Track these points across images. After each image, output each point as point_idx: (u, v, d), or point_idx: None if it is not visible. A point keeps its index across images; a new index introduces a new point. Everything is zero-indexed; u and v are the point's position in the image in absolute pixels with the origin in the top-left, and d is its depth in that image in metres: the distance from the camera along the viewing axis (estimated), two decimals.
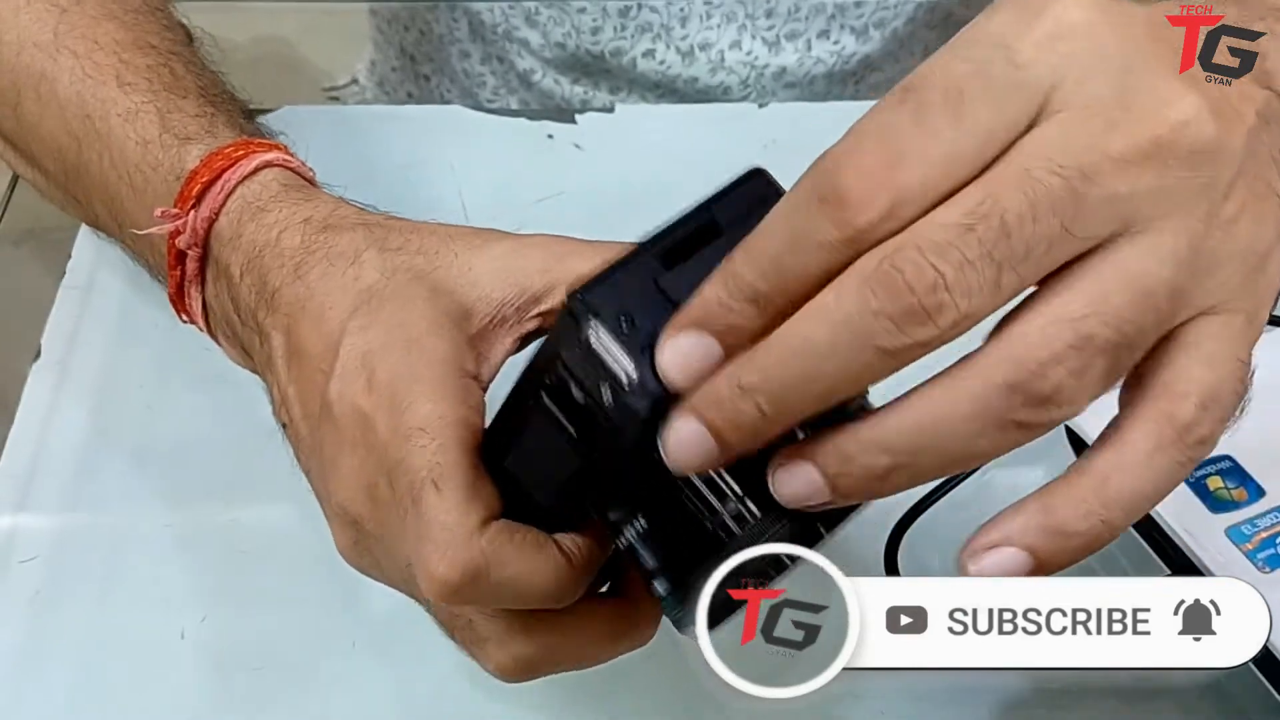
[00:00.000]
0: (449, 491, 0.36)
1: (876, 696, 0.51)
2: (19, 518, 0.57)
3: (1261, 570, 0.47)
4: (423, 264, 0.41)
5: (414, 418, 0.37)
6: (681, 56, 0.77)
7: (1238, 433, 0.51)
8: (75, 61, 0.49)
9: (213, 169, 0.45)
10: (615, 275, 0.33)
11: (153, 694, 0.52)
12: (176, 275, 0.46)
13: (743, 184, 0.35)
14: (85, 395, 0.60)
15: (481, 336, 0.40)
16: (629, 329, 0.32)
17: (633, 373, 0.32)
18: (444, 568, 0.36)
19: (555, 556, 0.37)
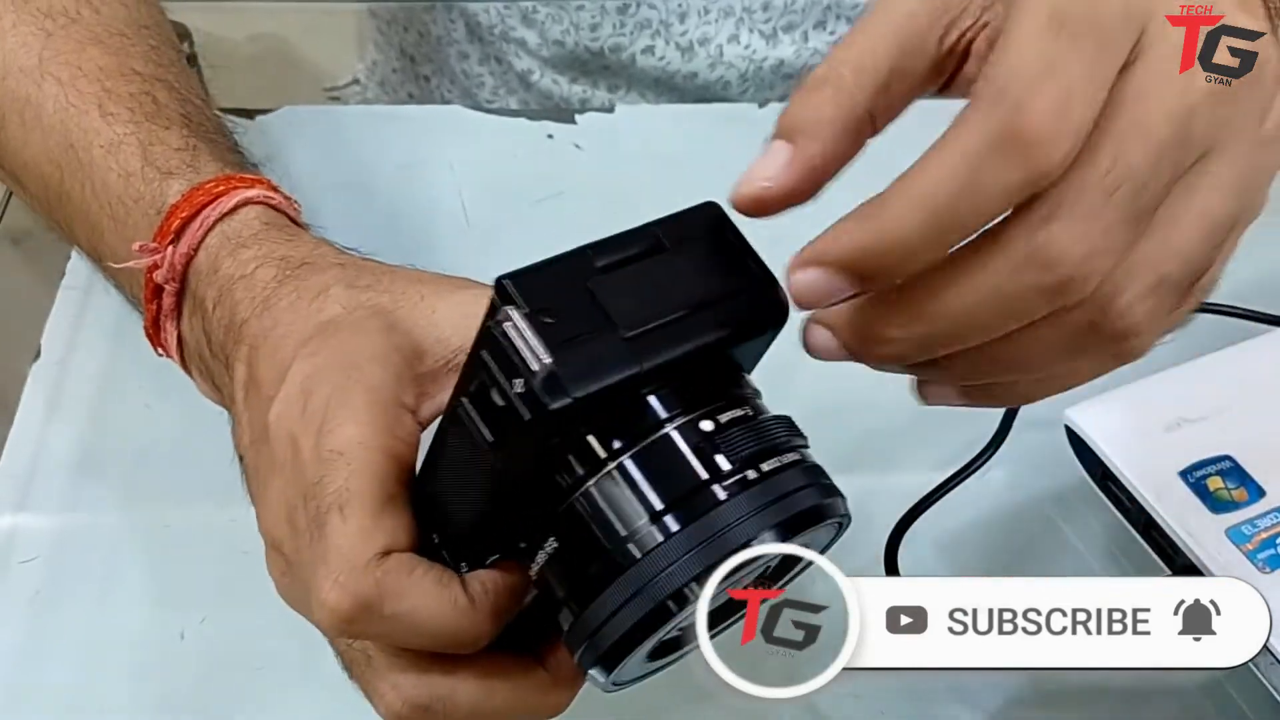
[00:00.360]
0: (352, 518, 0.35)
1: (876, 696, 0.51)
2: (19, 518, 0.57)
3: (1262, 570, 0.47)
4: (386, 301, 0.40)
5: (335, 440, 0.36)
6: (680, 52, 0.77)
7: (1238, 433, 0.51)
8: (59, 89, 0.49)
9: (193, 204, 0.44)
10: (546, 269, 0.32)
11: (153, 694, 0.52)
12: (153, 308, 0.45)
13: (694, 213, 0.35)
14: (85, 395, 0.60)
15: (431, 377, 0.39)
16: (549, 322, 0.31)
17: (547, 362, 0.31)
18: (335, 595, 0.34)
19: (457, 595, 0.36)
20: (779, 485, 0.33)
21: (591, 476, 0.33)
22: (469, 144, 0.71)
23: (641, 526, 0.33)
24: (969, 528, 0.55)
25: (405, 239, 0.66)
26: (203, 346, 0.44)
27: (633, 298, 0.32)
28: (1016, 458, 0.55)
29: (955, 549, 0.55)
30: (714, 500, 0.33)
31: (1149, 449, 0.51)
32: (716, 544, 0.32)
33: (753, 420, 0.34)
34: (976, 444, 0.55)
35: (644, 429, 0.33)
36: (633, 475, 0.33)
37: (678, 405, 0.33)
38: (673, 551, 0.32)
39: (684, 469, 0.33)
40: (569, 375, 0.31)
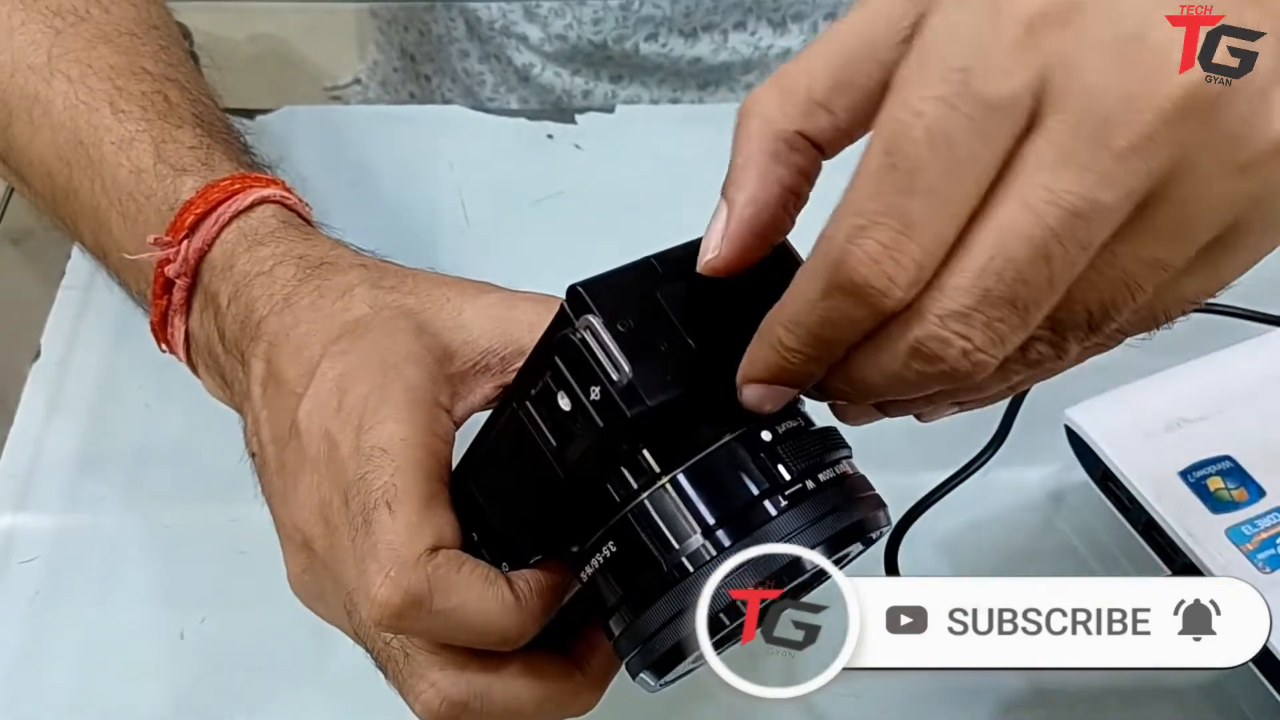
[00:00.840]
0: (401, 513, 0.35)
1: (876, 697, 0.51)
2: (19, 518, 0.57)
3: (1262, 570, 0.47)
4: (413, 303, 0.40)
5: (377, 438, 0.36)
6: (684, 38, 0.76)
7: (1238, 434, 0.51)
8: (69, 86, 0.49)
9: (208, 201, 0.44)
10: (617, 278, 0.33)
11: (152, 694, 0.52)
12: (162, 303, 0.45)
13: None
14: (85, 395, 0.60)
15: (461, 378, 0.39)
16: (624, 331, 0.32)
17: (627, 371, 0.31)
18: (386, 589, 0.35)
19: (504, 593, 0.36)
20: (831, 498, 0.34)
21: (652, 485, 0.34)
22: (469, 144, 0.71)
23: (695, 540, 0.33)
24: (969, 528, 0.55)
25: (405, 239, 0.66)
26: (214, 343, 0.44)
27: (699, 309, 0.33)
28: (1016, 458, 0.55)
29: (955, 549, 0.55)
30: (766, 515, 0.33)
31: (1149, 449, 0.51)
32: (769, 559, 0.33)
33: (805, 431, 0.35)
34: (976, 444, 0.55)
35: (705, 439, 0.34)
36: (690, 486, 0.34)
37: (739, 413, 0.34)
38: (721, 568, 0.33)
39: (741, 481, 0.33)
40: (646, 385, 0.32)
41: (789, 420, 0.35)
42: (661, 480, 0.34)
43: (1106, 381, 0.53)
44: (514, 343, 0.39)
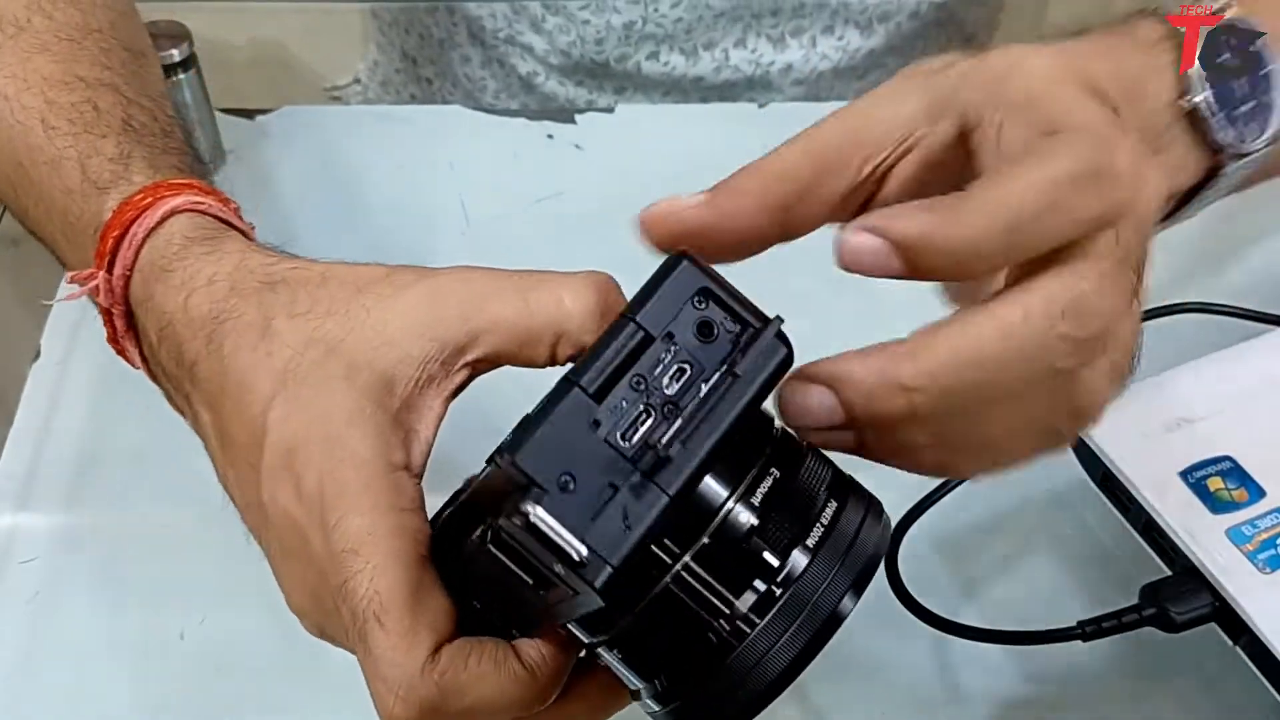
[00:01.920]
0: (392, 624, 0.34)
1: (877, 697, 0.51)
2: (19, 518, 0.57)
3: (1262, 571, 0.47)
4: (334, 330, 0.37)
5: (344, 538, 0.35)
6: (686, 57, 0.76)
7: (1238, 434, 0.51)
8: (6, 105, 0.48)
9: (122, 221, 0.42)
10: (545, 426, 0.31)
11: (152, 694, 0.52)
12: (110, 329, 0.44)
13: (666, 275, 0.33)
14: (85, 396, 0.60)
15: (408, 407, 0.37)
16: (569, 490, 0.31)
17: (581, 549, 0.30)
18: (400, 709, 0.34)
19: (516, 671, 0.35)
20: (842, 535, 0.33)
21: (661, 578, 0.33)
22: (469, 144, 0.71)
23: (729, 616, 0.33)
24: (969, 528, 0.55)
25: (405, 238, 0.66)
26: (159, 370, 0.43)
27: (639, 415, 0.32)
28: None
29: (955, 549, 0.55)
30: (794, 574, 0.33)
31: (1149, 449, 0.51)
32: (808, 620, 0.32)
33: (796, 470, 0.34)
34: None
35: (701, 522, 0.33)
36: (705, 568, 0.33)
37: (724, 485, 0.33)
38: (769, 636, 0.32)
39: (753, 551, 0.33)
40: (605, 547, 0.30)
41: (774, 466, 0.34)
42: (675, 567, 0.33)
43: None
44: (449, 344, 0.37)
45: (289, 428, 0.36)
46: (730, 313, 0.33)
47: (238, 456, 0.38)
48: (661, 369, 0.32)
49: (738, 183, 0.36)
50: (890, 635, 0.52)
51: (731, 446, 0.32)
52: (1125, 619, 0.48)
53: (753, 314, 0.33)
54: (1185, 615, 0.48)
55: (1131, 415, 0.52)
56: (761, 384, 0.33)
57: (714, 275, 0.33)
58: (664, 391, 0.32)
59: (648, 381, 0.32)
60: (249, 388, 0.38)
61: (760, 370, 0.32)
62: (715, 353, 0.32)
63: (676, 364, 0.32)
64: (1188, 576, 0.48)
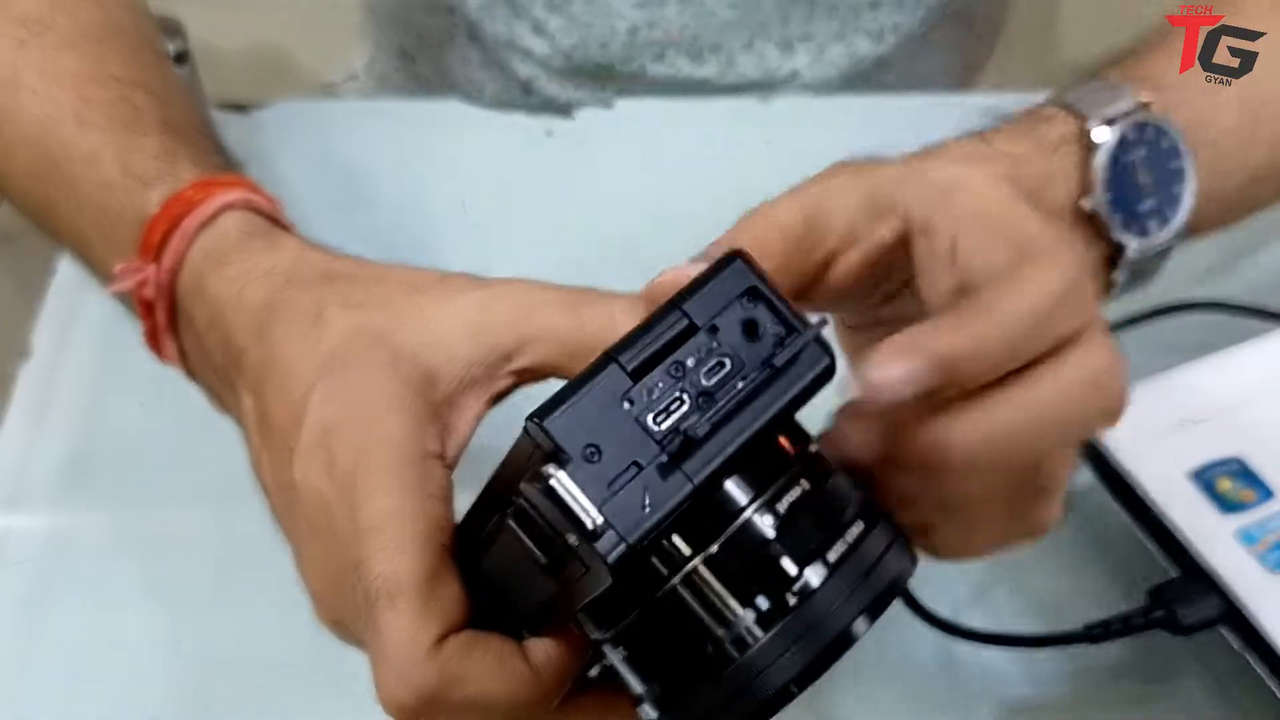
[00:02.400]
0: (403, 605, 0.34)
1: (877, 697, 0.51)
2: (11, 519, 0.56)
3: (1273, 573, 0.47)
4: (385, 323, 0.38)
5: (370, 515, 0.35)
6: (691, 59, 0.76)
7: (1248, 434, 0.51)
8: (35, 99, 0.48)
9: (172, 215, 0.43)
10: (578, 397, 0.31)
11: (147, 696, 0.51)
12: (149, 323, 0.44)
13: (718, 271, 0.33)
14: (77, 395, 0.60)
15: (449, 403, 0.38)
16: (594, 461, 0.30)
17: (597, 518, 0.30)
18: (400, 691, 0.34)
19: (520, 671, 0.35)
20: (865, 556, 0.33)
21: (673, 576, 0.32)
22: (468, 139, 0.71)
23: (737, 624, 0.32)
24: None
25: (404, 234, 0.66)
26: (203, 364, 0.44)
27: (673, 400, 0.32)
28: None
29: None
30: (809, 588, 0.32)
31: (1158, 450, 0.51)
32: (815, 636, 0.32)
33: (824, 487, 0.33)
34: None
35: (721, 522, 0.32)
36: (717, 571, 0.32)
37: (749, 489, 0.32)
38: (774, 648, 0.32)
39: (770, 558, 0.32)
40: (622, 523, 0.30)
41: (804, 479, 0.33)
42: (687, 567, 0.32)
43: None
44: (496, 349, 0.38)
45: (328, 409, 0.37)
46: (778, 316, 0.33)
47: (274, 439, 0.39)
48: (701, 360, 0.32)
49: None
50: (895, 638, 0.51)
51: (762, 449, 0.32)
52: (1133, 622, 0.48)
53: (800, 320, 0.33)
54: (1194, 618, 0.47)
55: (1140, 415, 0.51)
56: (800, 390, 0.32)
57: (765, 278, 0.33)
58: (701, 382, 0.32)
59: (686, 370, 0.32)
60: (294, 372, 0.38)
61: (800, 376, 0.32)
62: (757, 353, 0.32)
63: (717, 358, 0.32)
64: (1196, 579, 0.48)
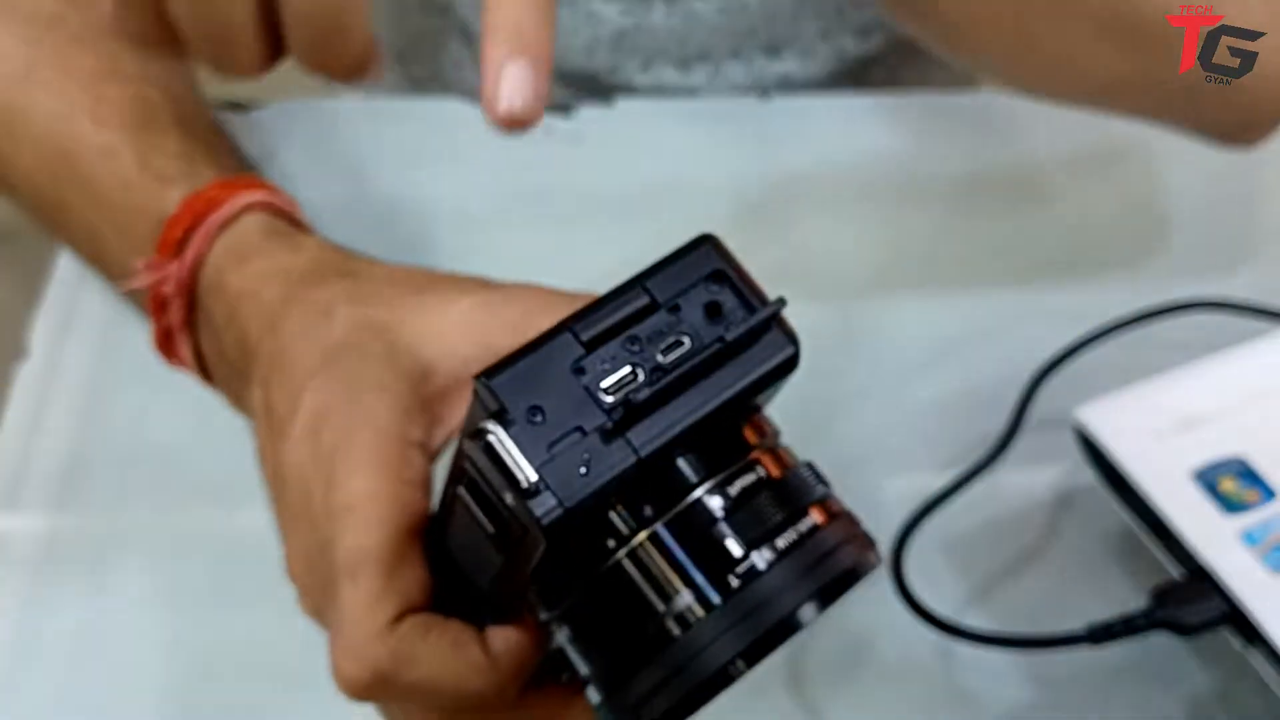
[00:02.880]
0: (364, 582, 0.35)
1: (877, 697, 0.51)
2: (9, 519, 0.56)
3: (1276, 574, 0.47)
4: (388, 317, 0.39)
5: (344, 495, 0.36)
6: (679, 68, 0.75)
7: (1250, 434, 0.50)
8: (48, 97, 0.48)
9: (193, 213, 0.44)
10: (528, 359, 0.31)
11: (145, 697, 0.51)
12: (162, 322, 0.45)
13: (686, 253, 0.32)
14: (75, 395, 0.60)
15: (441, 397, 0.38)
16: (536, 422, 0.30)
17: (532, 476, 0.30)
18: (350, 666, 0.34)
19: (476, 657, 0.35)
20: (817, 545, 0.32)
21: (617, 551, 0.32)
22: (466, 138, 0.70)
23: (678, 601, 0.31)
24: (977, 529, 0.55)
25: (403, 234, 0.66)
26: (219, 361, 0.44)
27: (625, 373, 0.31)
28: (1024, 459, 0.55)
29: (962, 551, 0.54)
30: (755, 570, 0.31)
31: (1160, 450, 0.50)
32: (759, 617, 0.31)
33: (781, 477, 0.33)
34: (984, 444, 0.54)
35: (669, 499, 0.32)
36: (661, 548, 0.32)
37: (701, 470, 0.32)
38: (714, 627, 0.31)
39: (716, 539, 0.31)
40: (559, 485, 0.30)
41: (759, 467, 0.33)
42: (632, 542, 0.32)
43: (1116, 381, 0.53)
44: (494, 349, 0.37)
45: (321, 394, 0.37)
46: (742, 300, 0.32)
47: (275, 427, 0.39)
48: (659, 337, 0.31)
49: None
50: (895, 639, 0.51)
51: (719, 433, 0.32)
52: (1135, 623, 0.48)
53: (764, 305, 0.32)
54: (1197, 619, 0.47)
55: (1142, 415, 0.52)
56: (759, 375, 0.32)
57: (733, 262, 0.32)
58: (657, 358, 0.31)
59: (642, 345, 0.31)
60: (298, 363, 0.39)
61: (760, 361, 0.32)
62: (717, 334, 0.31)
63: (675, 335, 0.31)
64: (1199, 580, 0.48)
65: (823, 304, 0.62)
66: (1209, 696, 0.51)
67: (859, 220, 0.66)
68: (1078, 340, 0.56)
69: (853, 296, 0.63)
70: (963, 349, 0.61)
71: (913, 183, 0.68)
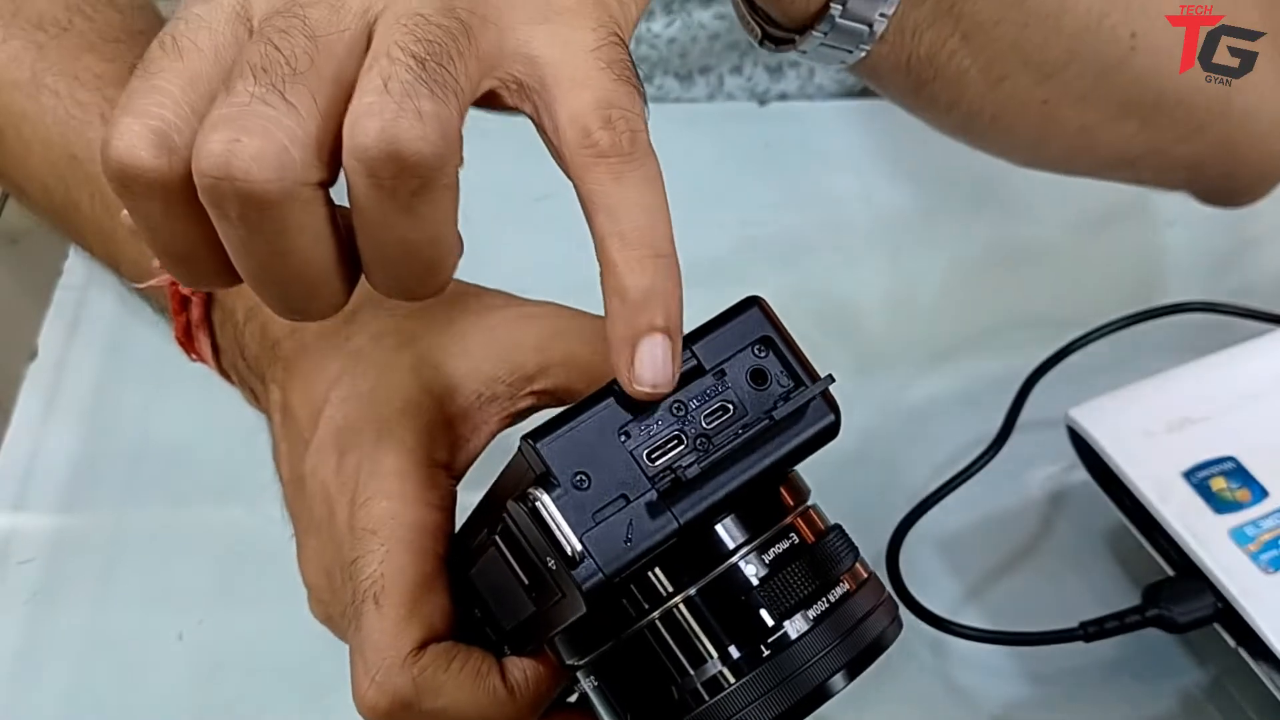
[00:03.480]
0: (388, 608, 0.35)
1: (877, 697, 0.51)
2: (16, 519, 0.56)
3: (1265, 572, 0.47)
4: (414, 327, 0.39)
5: (368, 517, 0.35)
6: (680, 81, 0.76)
7: (1242, 434, 0.51)
8: (56, 100, 0.48)
9: None
10: (575, 424, 0.31)
11: (149, 696, 0.51)
12: (182, 319, 0.45)
13: (735, 317, 0.33)
14: (82, 395, 0.60)
15: (465, 416, 0.38)
16: (582, 488, 0.30)
17: (577, 545, 0.30)
18: (373, 693, 0.34)
19: (496, 688, 0.35)
20: (847, 615, 0.32)
21: (652, 611, 0.32)
22: (467, 140, 0.70)
23: (709, 666, 0.32)
24: (971, 528, 0.55)
25: None
26: (238, 357, 0.44)
27: (670, 439, 0.31)
28: (1018, 458, 0.55)
29: (957, 550, 0.55)
30: (787, 639, 0.32)
31: (1152, 449, 0.51)
32: (790, 687, 0.31)
33: (814, 543, 0.33)
34: (978, 444, 0.54)
35: (706, 564, 0.32)
36: (696, 612, 0.32)
37: (739, 534, 0.32)
38: (744, 696, 0.31)
39: (750, 606, 0.32)
40: (601, 554, 0.30)
41: (793, 534, 0.33)
42: (666, 604, 0.32)
43: (1108, 381, 0.53)
44: (519, 368, 0.38)
45: (345, 408, 0.37)
46: (788, 368, 0.32)
47: (293, 431, 0.39)
48: (704, 402, 0.32)
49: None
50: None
51: (756, 498, 0.32)
52: (1128, 620, 0.48)
53: (809, 375, 0.32)
54: (1188, 616, 0.48)
55: (1134, 415, 0.52)
56: (800, 444, 0.32)
57: (780, 328, 0.33)
58: (701, 424, 0.32)
59: (688, 410, 0.31)
60: (318, 366, 0.39)
61: (801, 430, 0.32)
62: (761, 402, 0.32)
63: (720, 401, 0.32)
64: (1190, 577, 0.48)
65: (821, 304, 0.62)
66: (1200, 692, 0.51)
67: (858, 221, 0.66)
68: (1071, 341, 0.56)
69: (850, 296, 0.64)
70: (958, 350, 0.61)
71: (911, 185, 0.68)
